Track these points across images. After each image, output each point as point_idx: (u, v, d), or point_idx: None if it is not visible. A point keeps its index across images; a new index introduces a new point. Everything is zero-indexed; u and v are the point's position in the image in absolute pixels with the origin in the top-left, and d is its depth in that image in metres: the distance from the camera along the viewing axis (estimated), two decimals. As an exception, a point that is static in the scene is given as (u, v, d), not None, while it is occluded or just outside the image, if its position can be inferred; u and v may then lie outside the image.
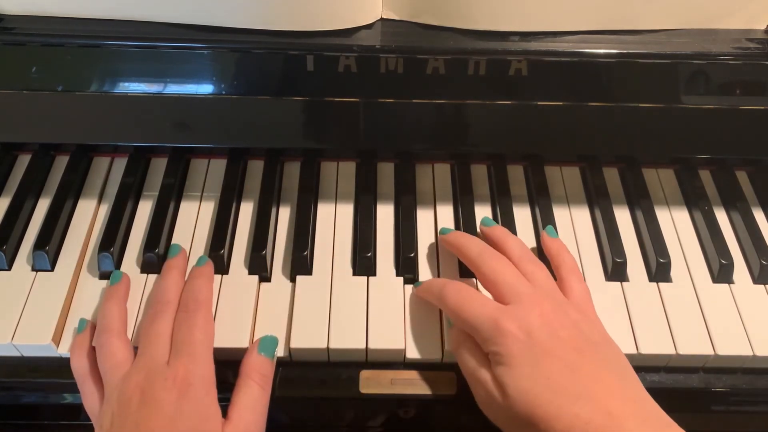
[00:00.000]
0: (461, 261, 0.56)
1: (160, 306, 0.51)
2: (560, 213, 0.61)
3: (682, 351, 0.52)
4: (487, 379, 0.47)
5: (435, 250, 0.58)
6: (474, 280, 0.56)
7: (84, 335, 0.52)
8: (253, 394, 0.48)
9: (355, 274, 0.56)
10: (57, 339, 0.52)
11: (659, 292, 0.56)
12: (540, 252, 0.58)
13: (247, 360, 0.50)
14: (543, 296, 0.48)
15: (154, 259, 0.56)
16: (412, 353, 0.52)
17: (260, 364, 0.50)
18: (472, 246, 0.53)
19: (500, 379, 0.45)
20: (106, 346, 0.50)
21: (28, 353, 0.53)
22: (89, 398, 0.50)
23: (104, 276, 0.56)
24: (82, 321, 0.53)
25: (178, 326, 0.50)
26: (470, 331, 0.49)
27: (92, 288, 0.55)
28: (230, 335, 0.52)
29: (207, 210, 0.61)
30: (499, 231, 0.56)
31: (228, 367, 0.50)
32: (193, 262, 0.56)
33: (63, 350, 0.52)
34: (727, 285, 0.57)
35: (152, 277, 0.56)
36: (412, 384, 0.52)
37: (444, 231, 0.58)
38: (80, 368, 0.51)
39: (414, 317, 0.53)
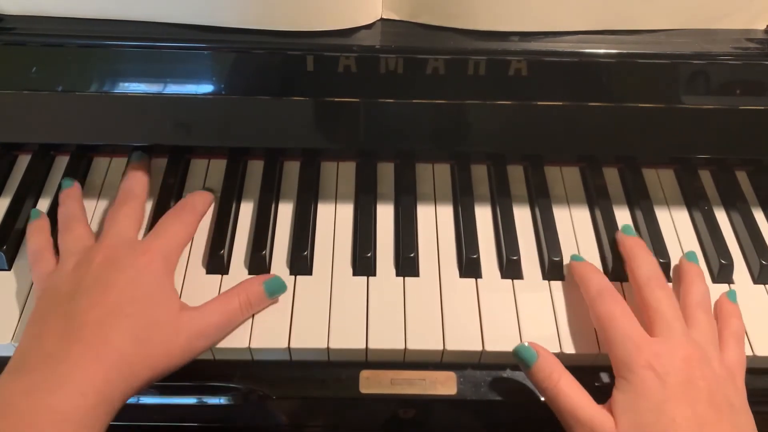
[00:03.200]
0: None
1: (130, 195, 0.54)
2: (560, 213, 0.61)
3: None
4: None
5: (435, 250, 0.58)
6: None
7: (42, 220, 0.54)
8: (230, 306, 0.49)
9: (355, 274, 0.56)
10: (57, 339, 0.52)
11: (659, 292, 0.56)
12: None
13: (246, 282, 0.50)
14: (694, 342, 0.47)
15: (154, 259, 0.56)
16: (412, 353, 0.52)
17: (255, 291, 0.50)
18: (644, 265, 0.52)
19: (619, 406, 0.44)
20: (70, 222, 0.52)
21: (28, 353, 0.53)
22: (42, 264, 0.51)
23: (104, 276, 0.56)
24: (35, 211, 0.55)
25: (164, 218, 0.53)
26: (606, 345, 0.48)
27: (92, 288, 0.55)
28: (229, 335, 0.51)
29: (207, 210, 0.61)
30: (695, 271, 0.54)
31: (228, 367, 0.50)
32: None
33: (63, 350, 0.52)
34: (727, 285, 0.57)
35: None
36: (412, 384, 0.52)
37: (626, 230, 0.56)
38: (37, 243, 0.52)
39: (414, 317, 0.53)
